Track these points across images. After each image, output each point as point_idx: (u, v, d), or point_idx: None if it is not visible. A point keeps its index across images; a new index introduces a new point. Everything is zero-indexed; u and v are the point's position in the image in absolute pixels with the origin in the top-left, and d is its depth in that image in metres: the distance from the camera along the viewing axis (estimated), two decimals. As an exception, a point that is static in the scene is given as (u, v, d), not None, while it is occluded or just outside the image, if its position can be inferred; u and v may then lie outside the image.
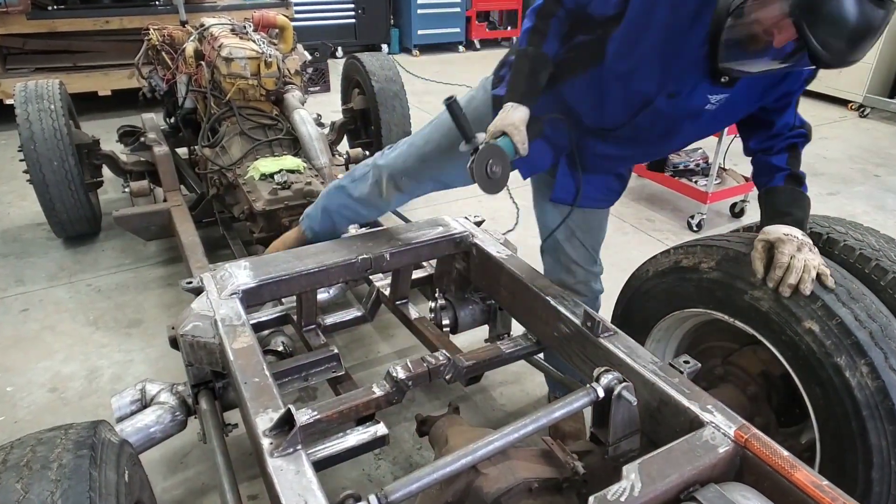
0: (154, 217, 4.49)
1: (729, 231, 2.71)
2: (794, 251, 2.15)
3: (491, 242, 3.02)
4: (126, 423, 2.53)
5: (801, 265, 2.12)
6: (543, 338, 2.71)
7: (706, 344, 2.71)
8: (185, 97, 4.82)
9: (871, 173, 7.14)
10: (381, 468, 3.11)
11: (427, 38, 12.61)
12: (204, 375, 2.63)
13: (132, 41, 7.08)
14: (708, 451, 1.79)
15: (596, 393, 1.97)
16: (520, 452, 2.05)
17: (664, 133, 2.45)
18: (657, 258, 2.62)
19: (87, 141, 4.93)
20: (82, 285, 4.60)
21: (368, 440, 2.24)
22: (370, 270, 2.87)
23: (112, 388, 3.56)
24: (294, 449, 1.82)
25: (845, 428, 2.02)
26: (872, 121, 9.07)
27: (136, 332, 4.09)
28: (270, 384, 2.08)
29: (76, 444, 1.68)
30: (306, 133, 4.35)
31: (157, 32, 5.32)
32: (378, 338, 4.06)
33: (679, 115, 2.33)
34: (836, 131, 8.54)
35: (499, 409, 3.49)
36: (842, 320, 2.03)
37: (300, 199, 3.83)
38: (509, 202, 4.46)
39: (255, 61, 4.43)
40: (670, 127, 2.41)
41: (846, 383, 1.99)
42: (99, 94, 7.90)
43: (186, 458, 3.13)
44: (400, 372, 2.28)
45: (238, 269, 2.66)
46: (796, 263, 2.12)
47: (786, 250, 2.15)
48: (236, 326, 2.35)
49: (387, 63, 5.75)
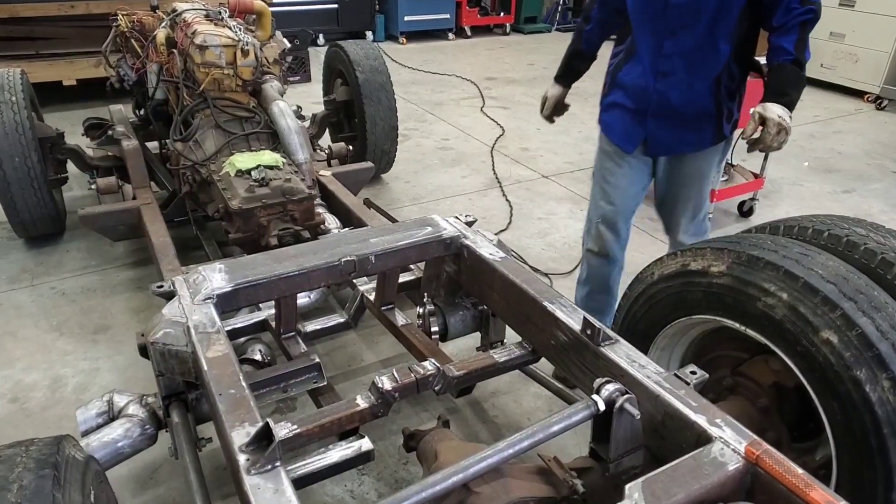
0: (122, 216, 4.46)
1: (739, 232, 2.71)
2: (776, 132, 2.89)
3: (483, 244, 3.01)
4: (92, 437, 2.51)
5: (773, 144, 2.92)
6: (540, 346, 2.70)
7: (714, 353, 2.70)
8: (156, 88, 4.78)
9: (888, 169, 7.18)
10: (365, 484, 3.10)
11: (414, 24, 12.63)
12: (176, 386, 2.60)
13: (99, 27, 7.02)
14: (716, 469, 1.78)
15: (596, 406, 1.96)
16: (514, 469, 2.04)
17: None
18: (663, 260, 2.61)
19: (51, 134, 4.91)
20: (45, 288, 4.58)
21: (352, 456, 2.23)
22: (354, 274, 2.86)
23: (77, 399, 3.53)
24: (272, 466, 1.81)
25: (864, 446, 2.01)
26: (890, 113, 9.12)
27: (103, 338, 4.07)
28: (247, 396, 2.07)
29: (38, 463, 1.66)
30: (285, 126, 4.34)
31: (125, 18, 5.28)
32: (362, 346, 4.04)
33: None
34: (852, 125, 8.58)
35: (491, 422, 3.48)
36: (862, 331, 2.01)
37: (279, 197, 3.81)
38: (502, 200, 4.46)
39: (231, 49, 4.40)
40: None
41: (866, 398, 1.98)
42: (63, 83, 7.86)
43: (156, 474, 3.12)
44: (385, 383, 2.27)
45: (212, 272, 2.64)
46: (771, 143, 2.92)
47: (772, 130, 2.89)
48: (210, 334, 2.33)
49: (372, 52, 5.75)
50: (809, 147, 7.71)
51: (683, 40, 3.11)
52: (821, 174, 6.98)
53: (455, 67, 10.59)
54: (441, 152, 7.24)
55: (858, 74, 9.41)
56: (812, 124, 8.52)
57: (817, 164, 7.25)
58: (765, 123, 2.90)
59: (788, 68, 2.94)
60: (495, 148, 7.36)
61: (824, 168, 7.14)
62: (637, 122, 3.35)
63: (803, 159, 7.33)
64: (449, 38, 13.11)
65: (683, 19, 3.06)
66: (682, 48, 3.13)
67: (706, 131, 3.29)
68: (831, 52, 9.75)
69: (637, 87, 3.30)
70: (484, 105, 8.95)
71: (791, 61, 2.93)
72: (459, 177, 6.61)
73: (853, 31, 9.43)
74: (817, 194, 6.48)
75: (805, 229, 2.42)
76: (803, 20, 2.91)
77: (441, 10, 12.78)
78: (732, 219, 5.93)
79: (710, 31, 3.05)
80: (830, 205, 6.22)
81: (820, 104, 9.38)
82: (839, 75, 9.62)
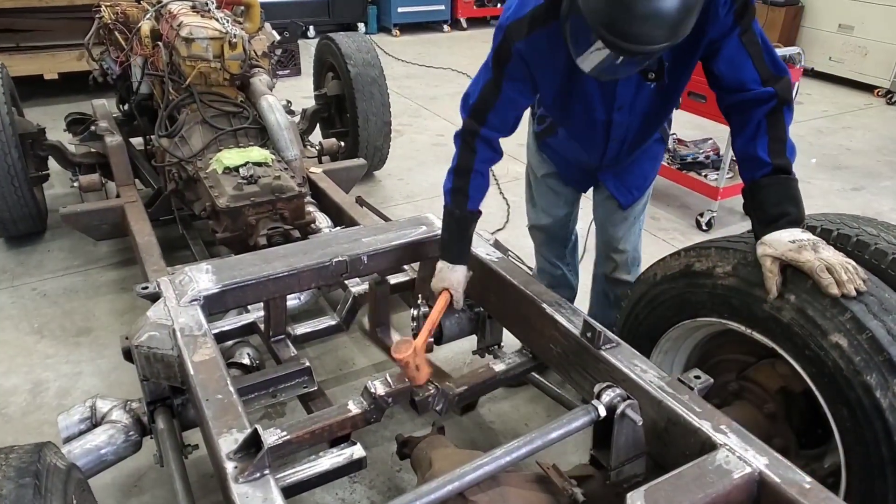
0: (106, 214, 4.44)
1: (745, 231, 2.70)
2: (813, 255, 2.12)
3: (479, 243, 3.01)
4: (74, 443, 2.51)
5: (837, 261, 2.11)
6: (538, 349, 2.70)
7: (719, 357, 2.70)
8: (141, 82, 4.78)
9: (899, 167, 7.18)
10: (357, 492, 3.09)
11: (408, 16, 12.59)
12: (161, 391, 2.60)
13: (82, 19, 7.01)
14: (722, 477, 1.79)
15: (597, 411, 1.96)
16: (512, 478, 2.04)
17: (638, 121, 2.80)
18: (666, 261, 2.60)
19: (32, 130, 4.90)
20: (26, 289, 4.56)
21: (344, 464, 2.23)
22: (346, 275, 2.86)
23: (59, 404, 3.52)
24: (261, 474, 1.81)
25: (875, 453, 2.01)
26: (901, 108, 9.12)
27: (86, 341, 4.06)
28: (235, 401, 2.07)
29: (18, 472, 1.65)
30: (275, 121, 4.33)
31: (109, 9, 5.27)
32: (354, 349, 4.03)
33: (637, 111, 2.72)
34: (862, 120, 8.58)
35: (487, 428, 3.48)
36: (873, 334, 2.00)
37: (268, 195, 3.80)
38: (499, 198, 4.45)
39: (219, 42, 4.39)
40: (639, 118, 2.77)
41: (877, 405, 1.98)
42: (45, 77, 7.85)
43: (141, 482, 3.10)
44: (378, 388, 2.27)
45: (199, 273, 2.64)
46: (832, 261, 2.10)
47: (806, 256, 2.13)
48: (197, 337, 2.33)
49: (364, 45, 5.74)
50: (817, 143, 7.71)
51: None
52: (829, 171, 6.98)
53: (450, 61, 10.57)
54: (436, 149, 7.22)
55: (868, 68, 9.41)
56: (820, 119, 8.52)
57: (825, 160, 7.24)
58: (789, 268, 2.20)
59: (773, 184, 2.35)
60: (492, 144, 7.27)
61: (832, 165, 7.14)
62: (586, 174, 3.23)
63: (811, 156, 7.33)
64: (444, 31, 13.08)
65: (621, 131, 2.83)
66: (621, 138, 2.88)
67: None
68: (840, 44, 9.75)
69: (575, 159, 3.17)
70: (480, 100, 8.85)
71: (770, 172, 2.35)
72: (455, 174, 6.52)
73: (862, 23, 9.42)
74: (825, 192, 6.48)
75: (813, 229, 2.40)
76: (769, 111, 2.37)
77: (435, 1, 12.74)
78: (737, 217, 5.92)
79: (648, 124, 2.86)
80: (839, 203, 6.22)
81: (828, 99, 9.39)
82: (848, 69, 9.62)
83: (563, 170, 3.27)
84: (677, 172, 5.87)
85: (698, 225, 5.63)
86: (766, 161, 2.35)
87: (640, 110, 2.72)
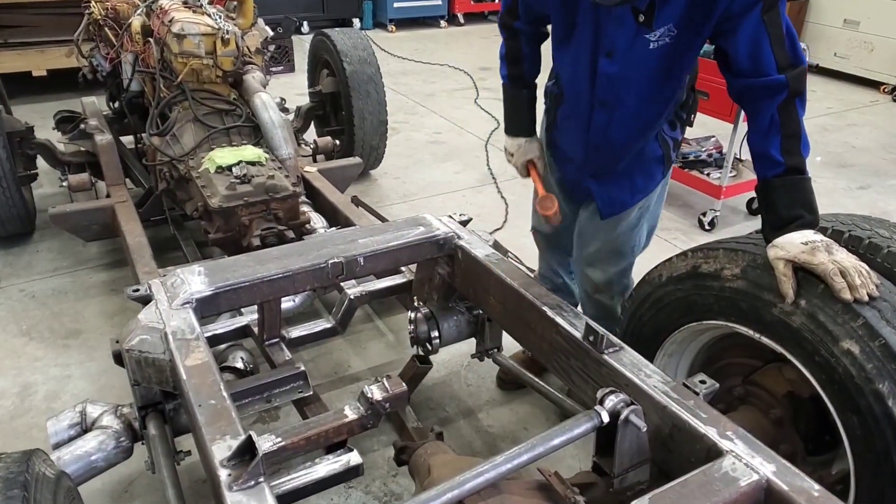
0: (95, 215, 4.43)
1: (752, 231, 2.68)
2: (827, 257, 2.11)
3: (478, 244, 3.00)
4: (63, 450, 2.50)
5: (851, 264, 2.09)
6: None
7: (724, 360, 2.69)
8: (131, 79, 4.77)
9: (906, 165, 7.18)
10: (353, 498, 3.09)
11: (404, 11, 12.62)
12: (152, 396, 2.59)
13: (71, 14, 6.99)
14: (728, 485, 1.77)
15: (600, 417, 1.95)
16: (513, 486, 2.03)
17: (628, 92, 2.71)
18: (672, 261, 2.59)
19: (20, 128, 4.89)
20: (14, 291, 4.56)
21: (340, 471, 2.22)
22: (341, 276, 2.85)
23: (48, 408, 3.51)
24: (256, 481, 1.79)
25: (885, 462, 2.01)
26: (909, 105, 9.13)
27: (75, 343, 4.05)
28: (228, 406, 2.05)
29: (6, 483, 1.65)
30: (268, 119, 4.32)
31: (99, 5, 5.26)
32: (350, 352, 4.03)
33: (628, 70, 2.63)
34: (868, 117, 8.59)
35: (486, 433, 3.47)
36: (886, 341, 2.00)
37: (261, 195, 3.78)
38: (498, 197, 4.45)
39: (211, 38, 4.38)
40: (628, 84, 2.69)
41: (888, 413, 1.97)
42: (33, 74, 7.86)
43: (132, 489, 3.10)
44: (375, 392, 2.25)
45: (191, 275, 2.63)
46: (846, 264, 2.10)
47: (819, 258, 2.12)
48: (189, 340, 2.32)
49: (360, 41, 5.73)
50: (822, 141, 7.71)
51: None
52: (834, 169, 6.98)
53: (447, 57, 10.58)
54: (433, 147, 7.23)
55: (874, 64, 9.42)
56: (825, 117, 8.53)
57: (830, 158, 7.25)
58: (800, 271, 2.19)
59: (785, 184, 2.34)
60: (490, 142, 7.32)
61: (838, 163, 7.15)
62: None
63: (815, 154, 7.30)
64: (441, 26, 13.10)
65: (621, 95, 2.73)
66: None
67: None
68: (845, 40, 9.76)
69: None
70: (478, 97, 8.92)
71: (783, 173, 2.33)
72: (452, 172, 6.60)
73: (868, 18, 9.44)
74: (831, 190, 6.48)
75: (825, 229, 2.39)
76: (781, 103, 2.33)
77: (433, -4, 12.78)
78: (741, 217, 5.93)
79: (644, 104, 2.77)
80: (845, 201, 6.22)
81: (833, 95, 9.40)
82: (853, 65, 9.63)
83: (564, 172, 3.24)
84: (679, 171, 5.85)
85: (701, 224, 5.63)
86: (779, 161, 2.33)
87: (632, 74, 2.61)
